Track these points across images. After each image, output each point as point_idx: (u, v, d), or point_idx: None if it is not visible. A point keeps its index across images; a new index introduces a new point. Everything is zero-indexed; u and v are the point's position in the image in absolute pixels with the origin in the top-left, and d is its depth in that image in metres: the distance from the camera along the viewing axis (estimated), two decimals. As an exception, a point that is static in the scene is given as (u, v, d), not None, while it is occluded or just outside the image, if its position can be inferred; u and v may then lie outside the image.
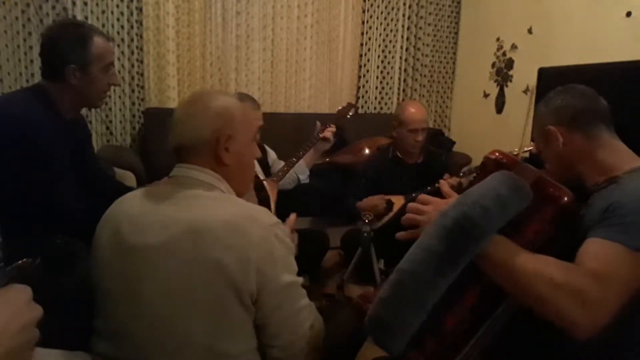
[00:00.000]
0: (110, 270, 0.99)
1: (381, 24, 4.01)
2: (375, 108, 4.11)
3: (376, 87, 4.10)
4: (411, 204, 1.06)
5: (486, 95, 3.95)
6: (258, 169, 2.27)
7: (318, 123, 2.33)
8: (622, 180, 0.98)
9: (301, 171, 2.36)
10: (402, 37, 4.08)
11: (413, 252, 0.89)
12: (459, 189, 2.36)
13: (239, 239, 0.92)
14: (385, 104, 4.13)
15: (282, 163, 2.38)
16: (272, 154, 2.43)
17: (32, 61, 2.96)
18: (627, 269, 0.85)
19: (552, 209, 0.91)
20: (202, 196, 1.00)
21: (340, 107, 2.50)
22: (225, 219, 0.93)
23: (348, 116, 2.46)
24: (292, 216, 1.23)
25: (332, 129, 2.32)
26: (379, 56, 4.05)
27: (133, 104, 3.31)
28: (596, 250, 0.87)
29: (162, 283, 0.92)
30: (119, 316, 0.97)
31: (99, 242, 1.03)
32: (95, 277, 1.03)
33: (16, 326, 0.48)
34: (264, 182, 2.10)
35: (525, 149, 2.21)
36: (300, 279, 1.03)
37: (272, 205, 2.05)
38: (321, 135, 2.30)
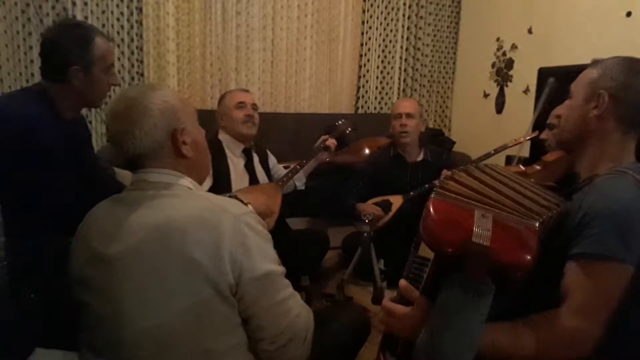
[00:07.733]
0: (86, 283, 0.97)
1: (381, 24, 4.01)
2: (375, 108, 4.11)
3: (376, 87, 4.10)
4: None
5: (486, 95, 3.95)
6: (262, 173, 2.31)
7: (322, 138, 2.42)
8: (596, 182, 0.97)
9: (298, 178, 2.43)
10: (402, 37, 4.08)
11: None
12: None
13: (209, 232, 0.89)
14: (385, 103, 4.13)
15: (282, 167, 2.46)
16: (272, 158, 2.49)
17: (32, 61, 2.96)
18: (607, 284, 0.87)
19: (515, 275, 0.85)
20: (166, 196, 0.97)
21: (339, 122, 2.60)
22: (193, 214, 0.91)
23: (347, 131, 2.57)
24: None
25: (334, 141, 2.40)
26: (379, 56, 4.05)
27: (133, 104, 3.30)
28: (573, 278, 0.89)
29: (139, 289, 0.90)
30: (102, 328, 0.95)
31: (73, 257, 1.01)
32: (74, 291, 1.00)
33: None
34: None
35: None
36: (282, 268, 0.99)
37: None
38: (324, 145, 2.37)
